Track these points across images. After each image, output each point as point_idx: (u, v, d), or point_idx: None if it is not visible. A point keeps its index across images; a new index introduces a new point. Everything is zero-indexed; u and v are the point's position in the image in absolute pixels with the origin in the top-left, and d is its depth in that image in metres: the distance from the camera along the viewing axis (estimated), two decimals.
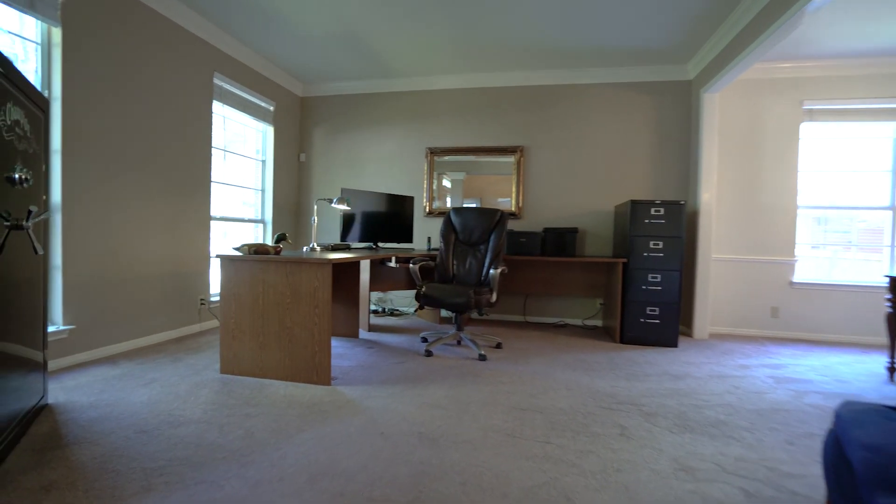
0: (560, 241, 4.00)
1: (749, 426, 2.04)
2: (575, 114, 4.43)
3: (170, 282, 3.36)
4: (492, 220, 3.45)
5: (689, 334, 4.01)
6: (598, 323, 4.39)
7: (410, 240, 4.12)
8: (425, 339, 3.53)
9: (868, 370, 3.07)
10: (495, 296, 3.12)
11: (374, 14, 3.36)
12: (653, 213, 3.55)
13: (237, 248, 2.58)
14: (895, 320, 2.83)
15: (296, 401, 2.18)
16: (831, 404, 2.36)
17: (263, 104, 4.43)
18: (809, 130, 4.06)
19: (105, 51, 2.80)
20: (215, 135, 3.83)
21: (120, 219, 2.95)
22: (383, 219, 3.92)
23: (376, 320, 4.33)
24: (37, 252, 1.63)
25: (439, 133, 4.72)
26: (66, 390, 2.22)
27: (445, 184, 4.76)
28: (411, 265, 3.29)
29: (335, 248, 3.33)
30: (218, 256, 2.55)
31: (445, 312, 4.42)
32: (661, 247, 3.55)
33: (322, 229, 4.99)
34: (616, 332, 3.69)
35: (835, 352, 3.58)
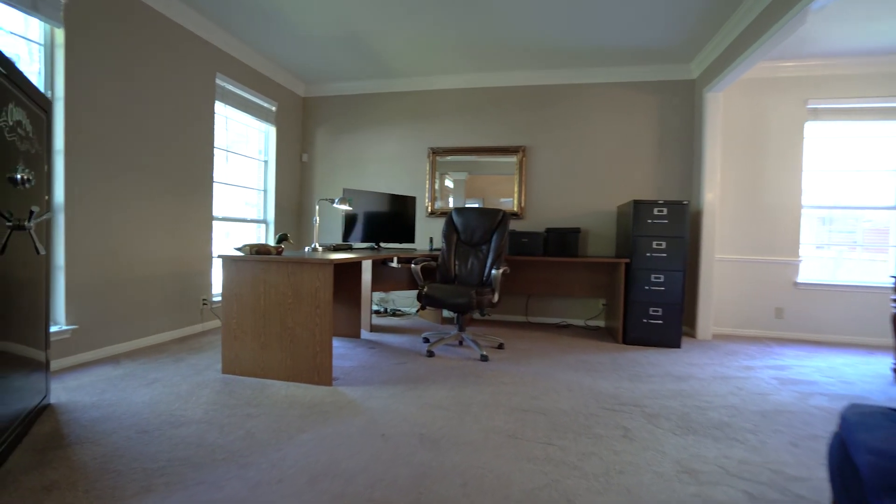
0: (562, 241, 3.99)
1: (753, 428, 2.02)
2: (577, 113, 4.41)
3: (172, 282, 3.36)
4: (494, 220, 3.45)
5: (692, 335, 3.98)
6: (601, 323, 4.38)
7: (412, 240, 4.12)
8: (427, 340, 3.52)
9: (873, 371, 3.04)
10: (497, 296, 3.11)
11: (376, 14, 3.36)
12: (656, 213, 3.53)
13: (239, 249, 2.58)
14: None
15: (297, 401, 2.17)
16: (836, 406, 2.34)
17: (265, 104, 4.43)
18: (814, 130, 4.03)
19: (107, 51, 2.81)
20: (218, 135, 3.84)
21: (122, 219, 2.96)
22: (385, 219, 3.91)
23: (378, 321, 4.33)
24: (38, 252, 1.64)
25: (441, 133, 4.71)
26: (68, 390, 2.23)
27: (448, 184, 4.75)
28: (413, 265, 3.28)
29: (337, 249, 3.33)
30: (220, 257, 2.56)
31: (447, 313, 4.41)
32: (664, 247, 3.53)
33: (324, 229, 4.99)
34: (619, 332, 3.67)
35: (840, 353, 3.55)
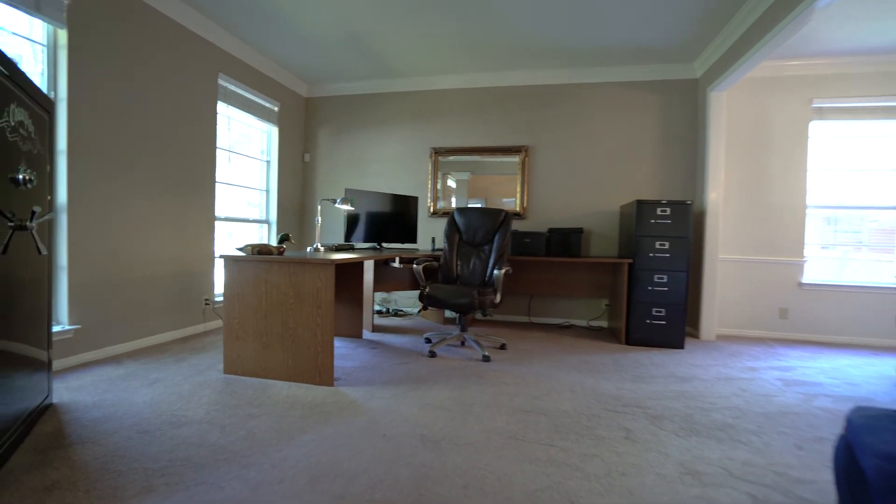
0: (565, 241, 3.97)
1: (757, 430, 2.01)
2: (580, 113, 4.40)
3: (174, 282, 3.37)
4: (496, 220, 3.44)
5: (695, 335, 3.96)
6: (604, 324, 4.36)
7: (415, 240, 4.11)
8: (429, 340, 3.51)
9: (879, 373, 3.01)
10: (499, 296, 3.10)
11: (378, 14, 3.35)
12: (659, 213, 3.52)
13: (240, 249, 2.58)
14: None
15: (298, 401, 2.17)
16: (841, 408, 2.32)
17: (268, 105, 4.44)
18: (819, 129, 4.00)
19: (110, 52, 2.82)
20: (220, 135, 3.84)
21: (125, 219, 2.96)
22: (387, 219, 3.91)
23: (380, 321, 4.32)
24: (40, 252, 1.64)
25: (444, 133, 4.71)
26: (70, 390, 2.24)
27: (450, 184, 4.74)
28: (415, 266, 3.28)
29: (339, 249, 3.33)
30: (221, 257, 2.56)
31: (449, 313, 4.41)
32: (667, 247, 3.51)
33: (327, 229, 4.99)
34: (621, 333, 3.65)
35: (845, 354, 3.52)
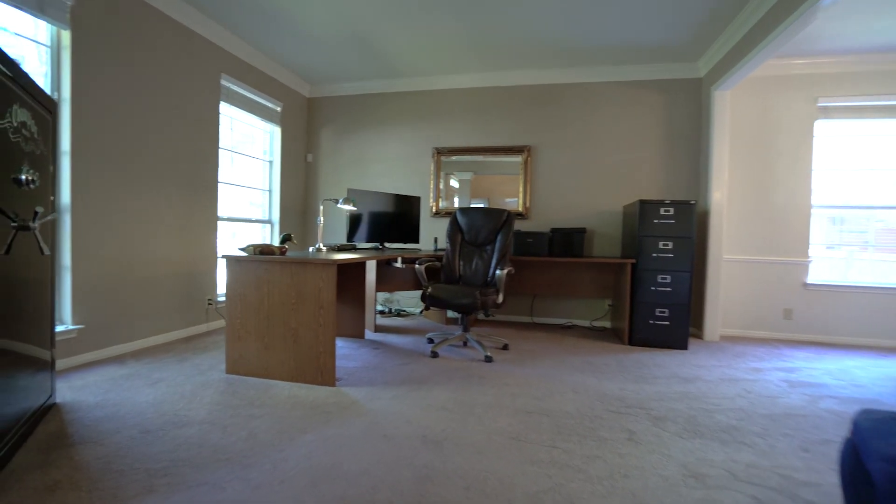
0: (568, 241, 3.96)
1: (761, 432, 1.99)
2: (583, 113, 4.38)
3: (178, 282, 3.38)
4: (498, 220, 3.43)
5: (699, 336, 3.94)
6: (607, 324, 4.34)
7: (417, 240, 4.11)
8: (431, 341, 3.51)
9: (885, 374, 2.98)
10: (502, 297, 3.09)
11: (381, 14, 3.35)
12: (662, 212, 3.50)
13: (242, 249, 2.58)
14: None
15: (300, 402, 2.17)
16: (847, 409, 2.30)
17: (270, 105, 4.44)
18: (824, 128, 3.97)
19: (113, 53, 2.82)
20: (223, 135, 3.85)
21: (128, 219, 2.97)
22: (390, 219, 3.90)
23: (382, 321, 4.32)
24: (43, 252, 1.64)
25: (446, 133, 4.70)
26: (73, 389, 2.24)
27: (453, 184, 4.73)
28: (417, 266, 3.27)
29: (341, 249, 3.33)
30: (223, 257, 2.56)
31: (452, 313, 4.40)
32: (670, 247, 3.49)
33: (329, 229, 5.00)
34: (625, 333, 3.63)
35: (851, 355, 3.49)
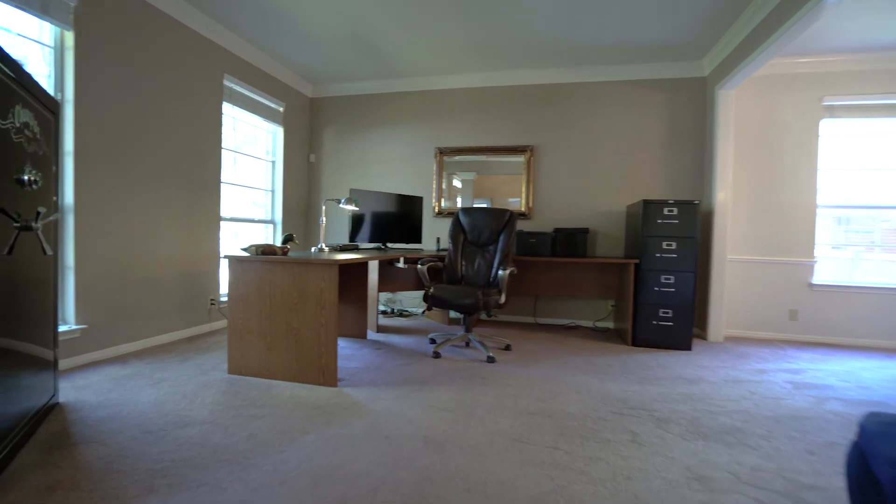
0: (571, 241, 3.94)
1: (766, 434, 1.97)
2: (586, 112, 4.36)
3: (180, 282, 3.39)
4: (501, 220, 3.42)
5: (703, 337, 3.91)
6: (610, 325, 4.32)
7: (419, 240, 4.10)
8: (433, 341, 3.50)
9: (892, 376, 2.95)
10: (504, 297, 3.08)
11: (383, 14, 3.35)
12: (666, 212, 3.47)
13: (245, 249, 2.58)
14: None
15: (301, 402, 2.17)
16: (853, 412, 2.27)
17: (273, 105, 4.45)
18: (830, 127, 3.93)
19: (116, 54, 2.83)
20: (226, 136, 3.86)
21: (131, 219, 2.98)
22: (392, 219, 3.90)
23: (385, 321, 4.32)
24: (45, 253, 1.65)
25: (449, 133, 4.69)
26: (76, 389, 2.25)
27: (456, 184, 4.73)
28: (419, 266, 3.26)
29: (344, 249, 3.32)
30: (226, 257, 2.56)
31: (454, 314, 4.39)
32: (674, 247, 3.47)
33: (332, 230, 5.00)
34: (628, 334, 3.61)
35: (857, 356, 3.45)
